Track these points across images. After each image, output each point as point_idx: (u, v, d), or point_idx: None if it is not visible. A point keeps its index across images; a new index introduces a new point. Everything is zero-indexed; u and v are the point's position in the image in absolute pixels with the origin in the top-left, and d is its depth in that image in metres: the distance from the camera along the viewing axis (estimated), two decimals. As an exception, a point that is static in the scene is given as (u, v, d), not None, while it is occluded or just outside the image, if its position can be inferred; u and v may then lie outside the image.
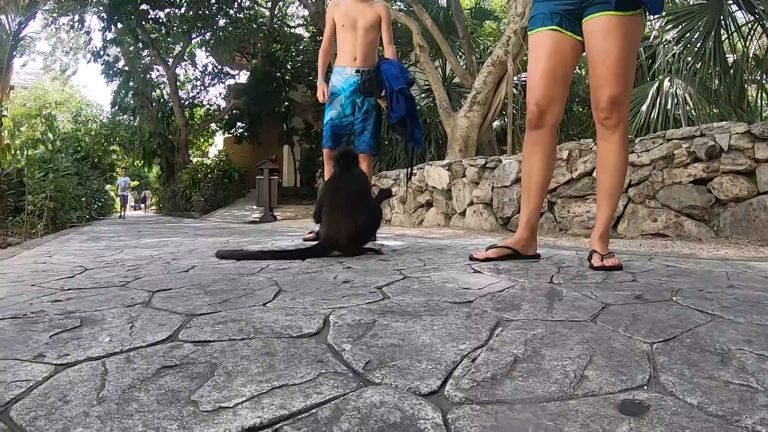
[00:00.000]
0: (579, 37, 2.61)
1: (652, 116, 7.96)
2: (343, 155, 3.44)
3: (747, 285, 2.05)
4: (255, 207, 15.47)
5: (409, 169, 5.00)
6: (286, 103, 22.13)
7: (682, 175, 4.70)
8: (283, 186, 20.61)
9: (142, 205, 41.46)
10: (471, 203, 7.09)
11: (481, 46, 16.45)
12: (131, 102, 24.20)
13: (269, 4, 23.45)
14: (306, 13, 21.95)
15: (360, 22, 4.39)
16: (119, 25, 16.76)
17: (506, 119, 11.73)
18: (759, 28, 8.14)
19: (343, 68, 4.47)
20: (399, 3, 18.19)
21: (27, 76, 33.40)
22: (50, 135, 9.66)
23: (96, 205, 18.37)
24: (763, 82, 9.06)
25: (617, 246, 4.10)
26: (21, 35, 18.91)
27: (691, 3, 8.53)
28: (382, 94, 4.24)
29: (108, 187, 23.99)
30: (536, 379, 0.97)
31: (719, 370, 1.03)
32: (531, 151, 2.79)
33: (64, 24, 17.18)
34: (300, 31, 24.54)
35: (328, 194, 3.27)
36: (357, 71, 4.41)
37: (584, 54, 2.66)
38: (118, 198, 19.87)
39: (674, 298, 1.74)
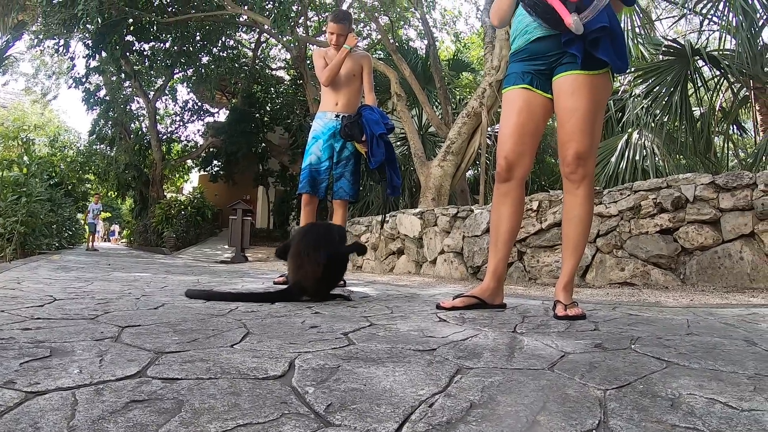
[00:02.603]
0: (549, 95, 2.73)
1: (620, 167, 8.17)
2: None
3: (706, 332, 2.11)
4: (227, 247, 15.38)
5: (383, 216, 5.08)
6: (263, 144, 22.26)
7: (648, 225, 4.83)
8: (256, 227, 20.58)
9: (111, 238, 40.90)
10: (442, 252, 7.16)
11: (458, 97, 16.84)
12: (109, 132, 24.12)
13: (253, 45, 23.75)
14: (288, 56, 22.26)
15: (342, 70, 4.50)
16: (103, 54, 16.79)
17: (479, 169, 11.94)
18: (725, 82, 8.48)
19: (324, 113, 4.55)
20: (379, 52, 18.57)
21: (7, 95, 33.12)
22: (26, 158, 9.61)
23: (66, 234, 18.07)
24: (730, 132, 9.37)
25: (585, 295, 4.18)
26: (6, 54, 18.89)
27: (661, 59, 8.83)
28: (363, 138, 4.31)
29: (79, 216, 23.61)
30: (489, 423, 1.02)
31: (668, 414, 1.08)
32: (499, 203, 2.89)
33: (49, 47, 17.13)
34: (281, 73, 24.82)
35: (297, 238, 3.31)
36: (337, 116, 4.49)
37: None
38: (87, 225, 19.08)
39: (633, 346, 1.79)
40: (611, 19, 2.54)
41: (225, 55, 20.98)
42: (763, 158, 6.99)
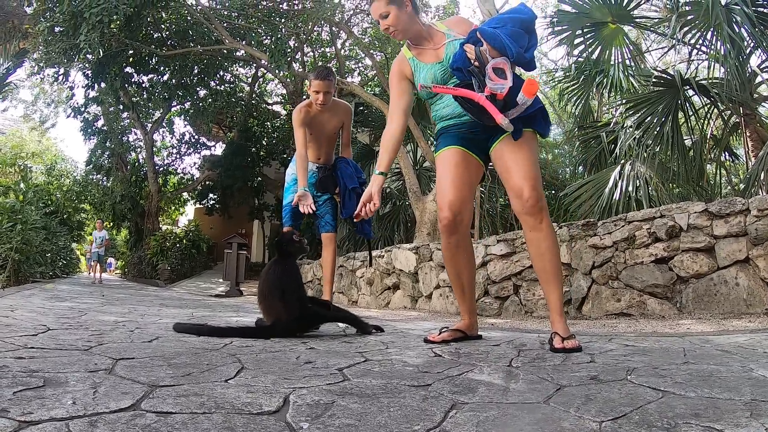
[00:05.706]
0: (480, 161, 2.96)
1: (614, 198, 8.16)
2: (280, 243, 3.50)
3: (703, 360, 2.11)
4: (221, 280, 15.28)
5: (369, 254, 5.66)
6: (259, 178, 22.30)
7: (643, 255, 4.83)
8: (251, 261, 20.48)
9: (108, 270, 40.65)
10: (438, 286, 7.15)
11: (452, 132, 16.87)
12: (106, 162, 24.13)
13: (250, 80, 23.92)
14: (284, 91, 22.40)
15: (326, 129, 4.66)
16: (102, 85, 16.88)
17: (474, 203, 11.93)
18: (715, 110, 8.55)
19: (308, 164, 4.66)
20: (375, 88, 18.70)
21: (6, 122, 33.05)
22: (22, 185, 9.62)
23: (61, 263, 17.91)
24: (722, 159, 9.41)
25: (581, 327, 4.18)
26: (6, 81, 19.01)
27: (651, 90, 8.89)
28: (336, 191, 4.56)
29: (74, 245, 23.35)
30: (483, 463, 1.02)
31: (663, 445, 1.07)
32: (454, 254, 3.00)
33: (49, 75, 17.17)
34: (277, 108, 24.91)
35: (262, 277, 3.38)
36: (319, 168, 4.72)
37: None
38: (89, 255, 17.72)
39: (629, 377, 1.79)
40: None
41: (222, 89, 21.10)
42: (755, 183, 7.01)
